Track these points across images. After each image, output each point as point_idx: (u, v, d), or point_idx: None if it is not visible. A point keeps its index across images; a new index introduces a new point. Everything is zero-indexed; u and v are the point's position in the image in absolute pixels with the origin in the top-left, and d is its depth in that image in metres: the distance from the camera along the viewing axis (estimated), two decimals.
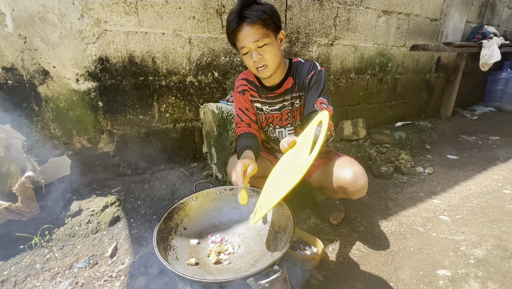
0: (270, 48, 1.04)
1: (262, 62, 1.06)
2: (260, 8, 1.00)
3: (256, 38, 1.01)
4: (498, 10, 3.61)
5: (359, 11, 2.30)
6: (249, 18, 0.98)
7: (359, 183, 1.12)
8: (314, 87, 1.16)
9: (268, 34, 1.02)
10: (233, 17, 1.01)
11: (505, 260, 1.20)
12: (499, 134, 2.96)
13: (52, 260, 1.19)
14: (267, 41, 1.02)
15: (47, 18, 1.29)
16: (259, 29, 1.00)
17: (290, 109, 1.27)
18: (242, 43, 1.03)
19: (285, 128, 1.34)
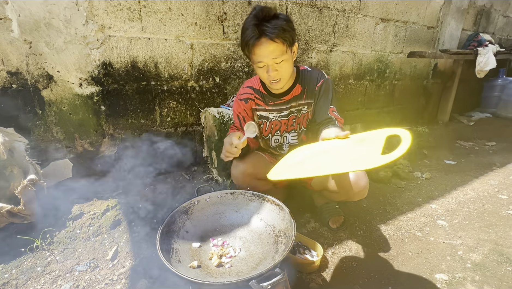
0: (286, 63, 1.05)
1: (278, 76, 1.08)
2: (281, 24, 0.97)
3: (275, 56, 1.01)
4: (493, 18, 3.69)
5: (357, 18, 2.35)
6: (270, 35, 0.96)
7: (360, 184, 1.15)
8: (324, 95, 1.21)
9: (286, 51, 1.02)
10: (252, 31, 0.98)
11: (501, 264, 1.21)
12: (496, 140, 3.00)
13: (53, 263, 1.20)
14: (284, 57, 1.03)
15: (52, 24, 1.32)
16: (278, 46, 0.99)
17: (296, 116, 1.30)
18: (260, 58, 1.02)
19: (290, 133, 1.37)
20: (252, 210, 1.05)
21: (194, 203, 1.02)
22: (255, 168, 1.28)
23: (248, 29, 1.00)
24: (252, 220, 1.04)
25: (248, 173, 1.27)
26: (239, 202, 1.08)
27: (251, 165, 1.29)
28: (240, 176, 1.28)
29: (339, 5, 2.20)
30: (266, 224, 1.00)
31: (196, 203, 1.03)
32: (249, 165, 1.28)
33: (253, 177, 1.29)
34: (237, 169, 1.29)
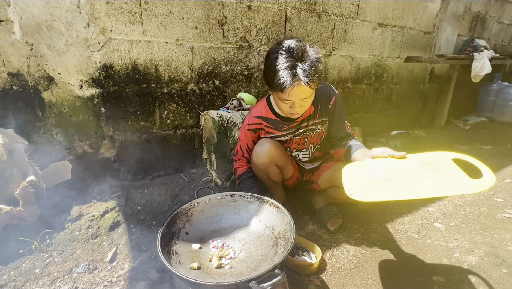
0: (310, 100, 1.06)
1: (300, 111, 1.08)
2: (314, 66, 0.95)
3: (304, 97, 1.01)
4: (488, 24, 3.75)
5: (355, 23, 2.38)
6: (306, 81, 0.95)
7: None
8: (338, 112, 1.24)
9: (314, 90, 1.04)
10: (289, 74, 0.94)
11: (497, 266, 1.23)
12: (491, 144, 3.04)
13: (51, 265, 1.20)
14: (311, 95, 1.05)
15: (54, 26, 1.33)
16: (309, 89, 0.99)
17: (308, 135, 1.31)
18: (289, 98, 1.00)
19: (301, 152, 1.39)
20: (251, 212, 1.06)
21: (194, 205, 1.03)
22: (277, 152, 1.27)
23: (284, 70, 0.95)
24: (251, 222, 1.05)
25: (271, 155, 1.25)
26: (238, 204, 1.09)
27: (275, 148, 1.27)
28: (263, 154, 1.25)
29: (338, 10, 2.23)
30: (266, 226, 1.01)
31: (196, 205, 1.04)
32: (274, 148, 1.26)
33: (273, 160, 1.28)
34: (262, 147, 1.25)
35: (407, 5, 2.68)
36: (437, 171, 0.84)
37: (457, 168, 0.82)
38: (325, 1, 2.14)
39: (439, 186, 0.78)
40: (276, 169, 1.32)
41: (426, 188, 0.78)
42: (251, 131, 1.30)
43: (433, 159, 0.90)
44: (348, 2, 2.27)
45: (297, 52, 0.96)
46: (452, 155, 0.88)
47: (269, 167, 1.29)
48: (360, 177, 0.90)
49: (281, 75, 0.95)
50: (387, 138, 2.79)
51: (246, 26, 1.86)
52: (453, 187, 0.77)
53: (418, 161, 0.91)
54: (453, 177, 0.80)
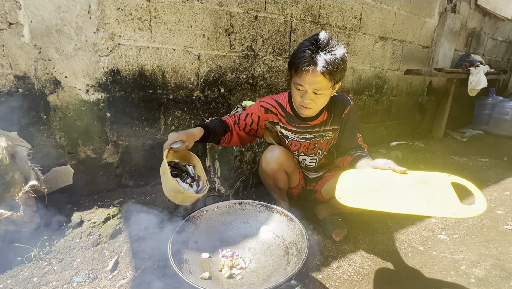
0: (324, 97, 1.06)
1: (310, 105, 1.07)
2: (336, 59, 0.96)
3: (318, 87, 1.00)
4: (483, 41, 3.88)
5: (357, 36, 2.44)
6: (322, 68, 0.94)
7: None
8: (351, 123, 1.23)
9: (329, 86, 1.02)
10: (308, 56, 0.96)
11: (504, 279, 1.23)
12: (488, 157, 3.08)
13: (50, 273, 1.15)
14: (325, 92, 1.03)
15: (63, 30, 1.33)
16: (324, 80, 0.98)
17: (318, 141, 1.31)
18: (302, 82, 1.01)
19: (309, 156, 1.38)
20: (260, 221, 1.05)
21: (203, 213, 1.02)
22: (287, 159, 1.28)
23: (305, 52, 0.97)
24: (260, 231, 1.04)
25: (280, 161, 1.25)
26: (247, 213, 1.07)
27: (285, 155, 1.27)
28: (273, 160, 1.25)
29: (341, 23, 2.29)
30: (275, 235, 1.00)
31: (205, 213, 1.02)
32: (284, 154, 1.26)
33: (282, 167, 1.28)
34: (273, 153, 1.25)
35: (406, 20, 2.76)
36: (430, 191, 0.86)
37: (452, 191, 0.84)
38: (329, 14, 2.19)
39: (427, 205, 0.80)
40: (284, 176, 1.32)
41: (414, 205, 0.80)
42: (263, 109, 1.26)
43: (432, 178, 0.92)
44: (350, 16, 2.33)
45: (323, 42, 0.97)
46: (452, 178, 0.90)
47: (277, 173, 1.29)
48: (354, 184, 0.92)
49: (301, 56, 0.97)
50: (387, 149, 2.81)
51: (252, 35, 1.88)
52: (441, 209, 0.79)
53: (416, 178, 0.92)
54: (445, 199, 0.82)
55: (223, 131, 1.23)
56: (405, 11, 2.71)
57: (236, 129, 1.27)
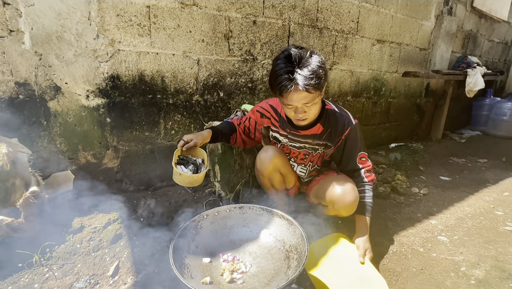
0: (315, 106, 1.06)
1: (305, 117, 1.08)
2: (316, 71, 0.95)
3: (306, 102, 1.01)
4: (479, 42, 3.91)
5: (355, 39, 2.46)
6: (302, 85, 0.95)
7: (346, 199, 1.16)
8: (352, 143, 1.21)
9: (317, 96, 1.03)
10: (285, 78, 0.96)
11: (504, 280, 1.23)
12: (487, 157, 3.10)
13: (51, 280, 1.15)
14: (313, 102, 1.03)
15: (64, 37, 1.34)
16: (309, 95, 0.99)
17: (308, 152, 1.31)
18: (290, 102, 1.02)
19: (299, 165, 1.39)
20: (261, 225, 1.06)
21: (204, 217, 1.02)
22: (280, 160, 1.30)
23: (282, 75, 0.97)
24: (261, 234, 1.04)
25: (274, 162, 1.28)
26: (247, 217, 1.08)
27: (279, 155, 1.30)
28: (267, 161, 1.28)
29: (338, 26, 2.31)
30: (276, 239, 1.00)
31: (205, 217, 1.03)
32: (278, 155, 1.29)
33: (276, 167, 1.30)
34: (266, 153, 1.29)
35: (403, 23, 2.78)
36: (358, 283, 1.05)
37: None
38: (326, 17, 2.21)
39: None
40: (279, 176, 1.34)
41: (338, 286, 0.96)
42: (258, 114, 1.32)
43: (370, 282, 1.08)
44: (348, 19, 2.35)
45: (296, 58, 0.97)
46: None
47: (272, 174, 1.31)
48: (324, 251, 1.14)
49: (279, 80, 0.98)
50: (386, 151, 2.82)
51: (251, 40, 1.90)
52: None
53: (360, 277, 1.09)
54: None
55: (230, 131, 1.36)
56: (402, 14, 2.74)
57: (239, 131, 1.37)
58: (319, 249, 1.15)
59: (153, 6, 1.51)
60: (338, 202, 1.17)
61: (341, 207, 1.18)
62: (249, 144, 1.45)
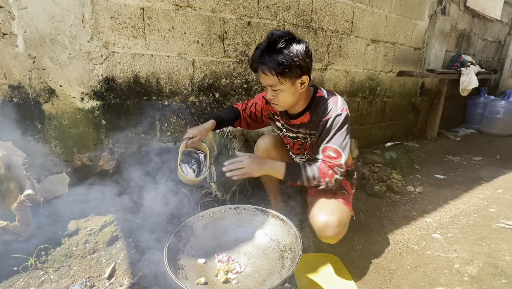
0: (283, 93, 1.05)
1: (274, 101, 1.10)
2: (278, 59, 0.96)
3: (269, 84, 1.04)
4: (473, 41, 3.95)
5: (350, 39, 2.48)
6: (262, 68, 1.00)
7: (326, 233, 1.10)
8: (327, 132, 1.10)
9: (281, 82, 1.01)
10: (255, 58, 1.02)
11: (497, 276, 1.25)
12: (481, 155, 3.13)
13: (47, 283, 1.15)
14: (279, 87, 1.03)
15: (58, 39, 1.34)
16: (272, 78, 1.01)
17: (302, 142, 1.31)
18: (260, 80, 1.08)
19: (296, 156, 1.40)
20: (256, 225, 1.06)
21: (199, 218, 1.03)
22: (275, 148, 1.39)
23: (254, 54, 1.03)
24: (256, 235, 1.05)
25: (267, 148, 1.38)
26: (242, 217, 1.09)
27: (274, 143, 1.38)
28: (260, 147, 1.39)
29: (333, 26, 2.32)
30: (271, 239, 1.01)
31: (200, 218, 1.03)
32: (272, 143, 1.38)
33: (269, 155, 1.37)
34: (262, 140, 1.40)
35: (398, 22, 2.81)
36: None
37: None
38: (321, 18, 2.23)
39: None
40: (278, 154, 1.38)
41: None
42: (264, 100, 1.36)
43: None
44: (342, 19, 2.36)
45: (270, 41, 0.98)
46: None
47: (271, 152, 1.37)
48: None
49: (252, 56, 1.04)
50: (382, 150, 2.84)
51: (246, 41, 1.91)
52: None
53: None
54: None
55: (234, 117, 1.41)
56: (396, 14, 2.76)
57: (244, 115, 1.42)
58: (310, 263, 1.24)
59: (147, 8, 1.52)
60: (318, 231, 1.12)
61: (320, 237, 1.14)
62: (254, 127, 1.51)
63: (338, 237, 1.13)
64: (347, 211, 1.18)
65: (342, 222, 1.12)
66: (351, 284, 1.18)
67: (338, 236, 1.12)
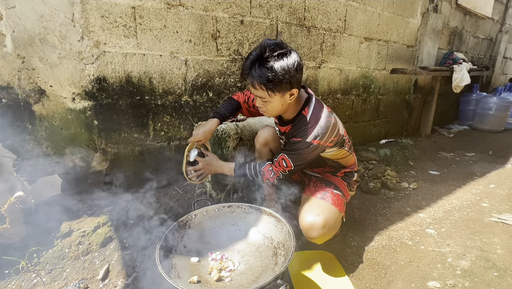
0: (271, 104, 1.06)
1: (262, 110, 1.12)
2: (268, 75, 0.96)
3: (258, 95, 1.05)
4: (465, 39, 3.99)
5: (343, 37, 2.49)
6: (252, 81, 1.00)
7: (311, 234, 1.11)
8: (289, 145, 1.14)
9: (271, 96, 1.02)
10: (245, 69, 1.01)
11: (488, 270, 1.26)
12: (474, 151, 3.17)
13: (39, 285, 1.14)
14: (267, 99, 1.04)
15: (47, 39, 1.32)
16: (261, 91, 1.02)
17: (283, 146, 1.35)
18: (250, 90, 1.08)
19: None
20: (249, 223, 1.06)
21: (192, 217, 1.02)
22: (273, 139, 1.41)
23: (245, 64, 1.02)
24: (249, 233, 1.05)
25: (266, 137, 1.41)
26: (236, 215, 1.08)
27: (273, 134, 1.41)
28: (260, 137, 1.43)
29: (326, 25, 2.33)
30: (264, 237, 1.01)
31: (194, 217, 1.03)
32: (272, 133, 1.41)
33: (267, 144, 1.42)
34: (263, 130, 1.44)
35: (390, 20, 2.82)
36: None
37: None
38: (314, 16, 2.23)
39: None
40: (269, 153, 1.42)
41: None
42: None
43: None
44: (335, 18, 2.37)
45: (261, 54, 0.98)
46: None
47: (262, 148, 1.41)
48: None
49: (243, 66, 1.03)
50: (376, 147, 2.86)
51: (239, 39, 1.90)
52: None
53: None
54: None
55: (235, 110, 1.40)
56: (389, 12, 2.78)
57: (245, 106, 1.40)
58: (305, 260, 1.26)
59: (139, 7, 1.50)
60: (304, 231, 1.14)
61: (307, 237, 1.15)
62: (257, 115, 1.50)
63: (324, 238, 1.14)
64: (336, 212, 1.18)
65: (328, 224, 1.12)
66: (345, 280, 1.18)
67: (324, 237, 1.13)
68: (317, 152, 1.15)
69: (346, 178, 1.37)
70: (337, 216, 1.18)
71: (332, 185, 1.30)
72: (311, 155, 1.13)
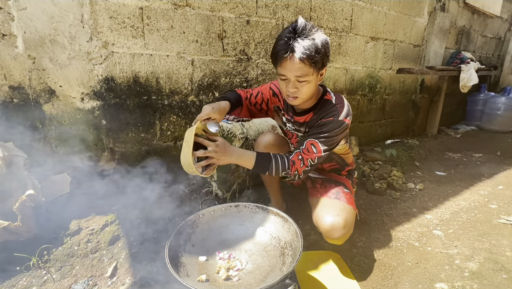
0: (308, 85, 0.99)
1: (296, 94, 1.02)
2: (314, 44, 0.91)
3: (299, 74, 0.96)
4: (473, 38, 3.94)
5: (349, 37, 2.47)
6: (299, 54, 0.91)
7: (333, 235, 1.10)
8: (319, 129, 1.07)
9: (312, 73, 0.96)
10: (285, 43, 0.93)
11: (497, 272, 1.25)
12: (482, 152, 3.13)
13: (49, 282, 1.16)
14: (308, 78, 0.97)
15: (57, 40, 1.34)
16: (305, 67, 0.94)
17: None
18: (284, 71, 0.98)
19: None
20: (256, 223, 1.07)
21: (199, 216, 1.03)
22: (275, 145, 1.36)
23: (281, 41, 0.94)
24: (256, 232, 1.05)
25: (266, 145, 1.35)
26: (243, 215, 1.09)
27: (274, 140, 1.36)
28: (261, 144, 1.37)
29: (332, 24, 2.32)
30: (271, 236, 1.02)
31: (201, 216, 1.04)
32: (273, 139, 1.36)
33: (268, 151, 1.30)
34: (263, 137, 1.39)
35: (397, 20, 2.80)
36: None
37: None
38: (320, 16, 2.23)
39: None
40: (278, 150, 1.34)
41: None
42: (271, 92, 1.28)
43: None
44: (341, 17, 2.36)
45: (300, 28, 0.93)
46: None
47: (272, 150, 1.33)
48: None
49: (277, 46, 0.95)
50: (382, 147, 2.84)
51: (245, 40, 1.91)
52: None
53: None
54: None
55: (238, 103, 1.28)
56: (395, 11, 2.75)
57: (246, 104, 1.30)
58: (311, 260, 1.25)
59: (146, 8, 1.52)
60: (325, 233, 1.12)
61: (327, 239, 1.14)
62: (257, 116, 1.39)
63: (345, 238, 1.13)
64: (352, 211, 1.18)
65: (348, 223, 1.12)
66: (352, 281, 1.18)
67: (345, 237, 1.13)
68: (343, 136, 1.13)
69: (350, 176, 1.37)
70: (353, 214, 1.18)
71: (341, 184, 1.30)
72: (339, 138, 1.10)
